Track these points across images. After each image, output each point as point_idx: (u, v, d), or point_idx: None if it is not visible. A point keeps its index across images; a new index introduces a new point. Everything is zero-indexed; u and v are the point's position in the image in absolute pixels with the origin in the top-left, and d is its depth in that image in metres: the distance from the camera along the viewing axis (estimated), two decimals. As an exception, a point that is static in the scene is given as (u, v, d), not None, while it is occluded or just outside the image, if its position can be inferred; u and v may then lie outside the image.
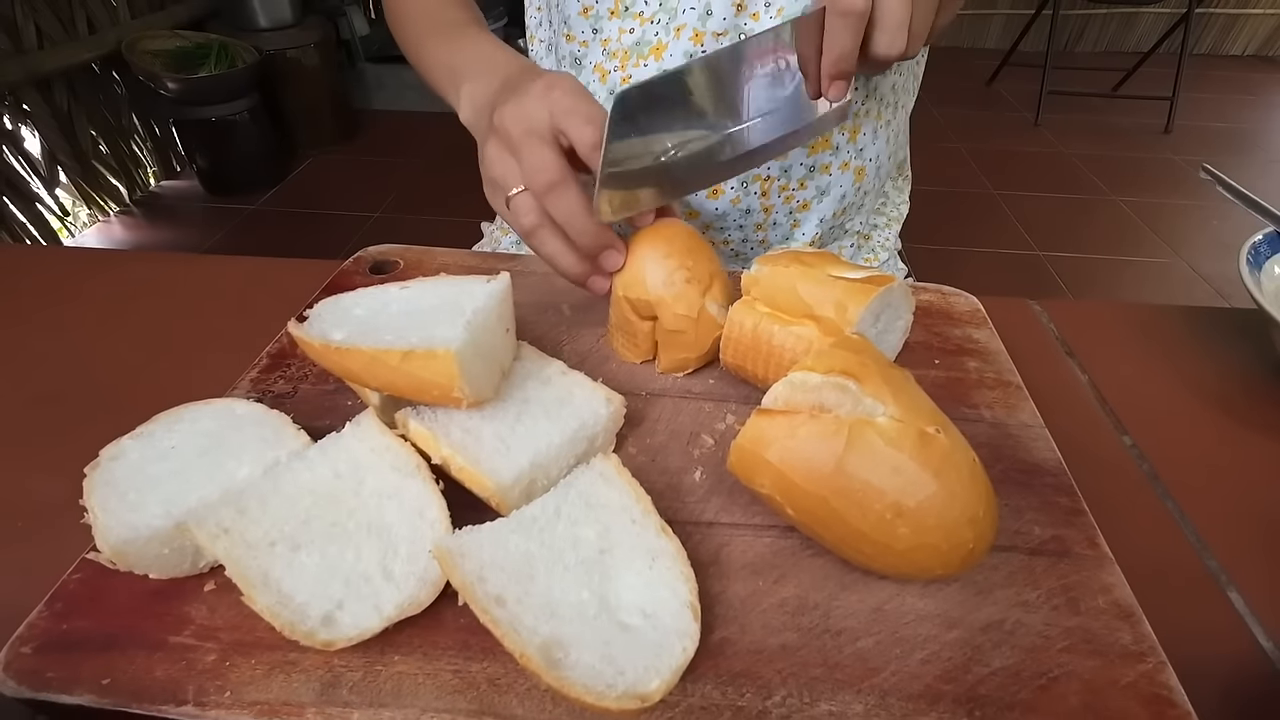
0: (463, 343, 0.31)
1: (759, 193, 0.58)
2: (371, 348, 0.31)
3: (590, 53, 0.56)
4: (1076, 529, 0.33)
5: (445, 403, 0.32)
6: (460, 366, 0.30)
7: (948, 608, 0.30)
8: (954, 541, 0.27)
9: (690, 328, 0.40)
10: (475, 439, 0.32)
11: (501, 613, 0.26)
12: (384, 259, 0.52)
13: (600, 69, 0.56)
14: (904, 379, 0.30)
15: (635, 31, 0.54)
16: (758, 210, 0.58)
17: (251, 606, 0.27)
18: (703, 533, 0.33)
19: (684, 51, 0.53)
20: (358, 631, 0.26)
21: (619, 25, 0.54)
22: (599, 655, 0.25)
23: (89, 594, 0.30)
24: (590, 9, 0.55)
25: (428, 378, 0.31)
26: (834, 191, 0.59)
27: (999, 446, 0.38)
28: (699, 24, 0.52)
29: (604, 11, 0.54)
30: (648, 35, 0.54)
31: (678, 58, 0.53)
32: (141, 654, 0.28)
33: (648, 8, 0.53)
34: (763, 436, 0.29)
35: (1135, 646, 0.28)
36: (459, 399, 0.31)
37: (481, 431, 0.32)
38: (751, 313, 0.38)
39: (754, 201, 0.58)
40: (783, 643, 0.28)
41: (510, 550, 0.28)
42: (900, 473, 0.27)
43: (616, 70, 0.56)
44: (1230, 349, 0.50)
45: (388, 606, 0.27)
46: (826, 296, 0.37)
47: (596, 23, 0.55)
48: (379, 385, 0.32)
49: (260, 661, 0.28)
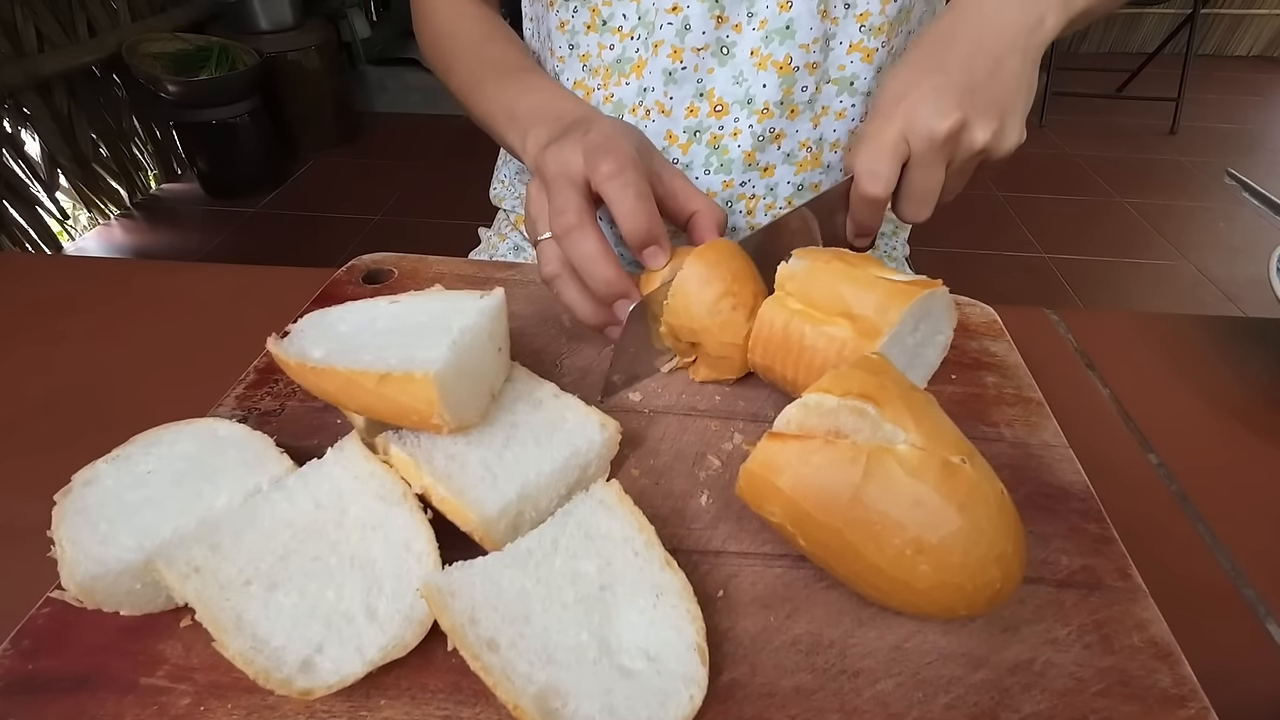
0: (444, 365, 0.29)
1: (744, 211, 0.56)
2: (348, 368, 0.29)
3: (569, 69, 0.55)
4: (1107, 558, 0.31)
5: (425, 428, 0.30)
6: (440, 391, 0.28)
7: (972, 646, 0.28)
8: (979, 581, 0.26)
9: (736, 354, 0.38)
10: (460, 466, 0.30)
11: (494, 659, 0.24)
12: (378, 268, 0.50)
13: (583, 85, 0.54)
14: (926, 403, 0.28)
15: (615, 48, 0.52)
16: (743, 229, 0.57)
17: (223, 653, 0.25)
18: (710, 562, 0.31)
19: (663, 69, 0.51)
20: (338, 678, 0.24)
21: (597, 40, 0.52)
22: (599, 705, 0.23)
23: (57, 630, 0.28)
24: (567, 23, 0.53)
25: (405, 402, 0.29)
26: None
27: (1021, 468, 0.36)
28: (677, 40, 0.50)
29: (580, 26, 0.52)
30: (628, 52, 0.52)
31: (656, 75, 0.51)
32: (112, 697, 0.26)
33: (626, 22, 0.51)
34: (774, 462, 0.27)
35: (1175, 690, 0.27)
36: (439, 425, 0.29)
37: (467, 458, 0.30)
38: (783, 310, 0.36)
39: (739, 220, 0.56)
40: (796, 685, 0.27)
41: (504, 588, 0.26)
42: (922, 505, 0.25)
43: (599, 88, 0.54)
44: (1254, 360, 0.48)
45: (371, 649, 0.25)
46: (868, 296, 0.34)
47: (573, 38, 0.53)
48: (357, 408, 0.31)
49: (237, 706, 0.26)
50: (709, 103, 0.52)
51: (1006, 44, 0.39)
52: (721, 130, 0.53)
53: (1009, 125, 0.39)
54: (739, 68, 0.51)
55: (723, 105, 0.52)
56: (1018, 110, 0.39)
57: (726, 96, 0.52)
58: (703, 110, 0.52)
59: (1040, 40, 0.40)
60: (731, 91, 0.51)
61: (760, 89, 0.51)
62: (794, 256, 0.38)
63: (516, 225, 0.69)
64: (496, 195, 0.73)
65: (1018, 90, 0.39)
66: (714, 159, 0.53)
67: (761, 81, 0.51)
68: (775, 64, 0.50)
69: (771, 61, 0.50)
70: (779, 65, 0.50)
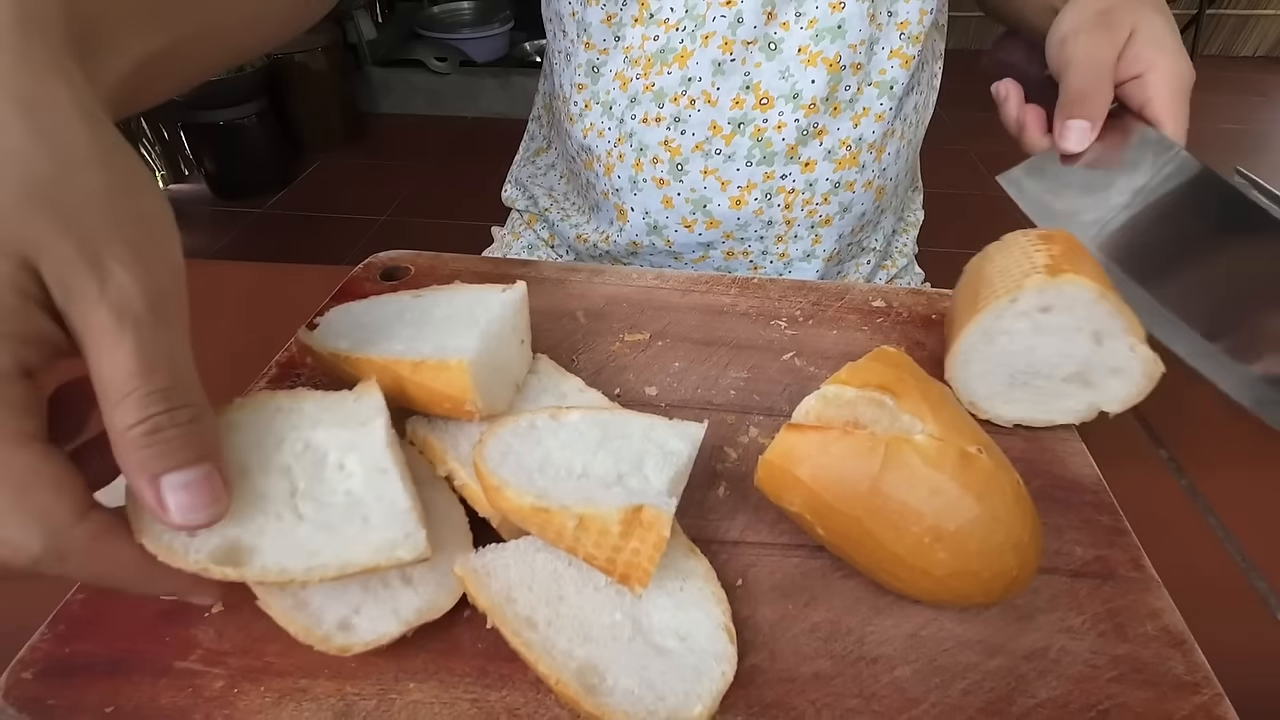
0: (476, 353, 0.30)
1: (783, 205, 0.56)
2: (382, 358, 0.30)
3: (611, 60, 0.55)
4: (1120, 549, 0.32)
5: (457, 415, 0.31)
6: (474, 378, 0.29)
7: (988, 634, 0.28)
8: (996, 569, 0.26)
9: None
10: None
11: (533, 636, 0.25)
12: (395, 265, 0.51)
13: (621, 76, 0.55)
14: (943, 395, 0.29)
15: (660, 39, 0.53)
16: (780, 222, 0.57)
17: (265, 610, 0.26)
18: (728, 552, 0.31)
19: (712, 60, 0.52)
20: (374, 636, 0.25)
21: (642, 32, 0.53)
22: (638, 680, 0.24)
23: (92, 616, 0.29)
24: (614, 16, 0.53)
25: (439, 389, 0.30)
26: (855, 209, 0.58)
27: (1034, 460, 0.36)
28: (729, 32, 0.51)
29: (627, 19, 0.53)
30: (672, 43, 0.53)
31: (704, 65, 0.52)
32: (147, 680, 0.27)
33: (673, 14, 0.52)
34: (793, 453, 0.28)
35: (1189, 677, 0.27)
36: (471, 412, 0.30)
37: None
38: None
39: (777, 214, 0.57)
40: (816, 671, 0.27)
41: (538, 570, 0.27)
42: (940, 494, 0.26)
43: (639, 78, 0.54)
44: (1266, 358, 0.49)
45: (406, 611, 0.26)
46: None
47: (619, 30, 0.54)
48: (391, 395, 0.31)
49: (269, 689, 0.26)
50: (755, 95, 0.53)
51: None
52: (765, 123, 0.53)
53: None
54: (786, 63, 0.52)
55: (768, 98, 0.53)
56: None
57: (772, 90, 0.53)
58: (748, 102, 0.53)
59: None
60: (778, 85, 0.52)
61: (808, 84, 0.52)
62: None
63: (530, 224, 0.69)
64: (509, 198, 0.74)
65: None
66: (756, 150, 0.54)
67: (810, 77, 0.52)
68: (825, 61, 0.51)
69: (822, 58, 0.51)
70: (829, 62, 0.51)
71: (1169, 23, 0.41)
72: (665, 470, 0.28)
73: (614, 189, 0.59)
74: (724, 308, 0.47)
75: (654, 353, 0.43)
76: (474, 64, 2.53)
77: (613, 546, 0.24)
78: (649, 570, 0.24)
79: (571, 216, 0.65)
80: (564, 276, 0.49)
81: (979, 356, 0.36)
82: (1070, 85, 0.41)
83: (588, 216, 0.64)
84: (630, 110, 0.55)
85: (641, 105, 0.55)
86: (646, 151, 0.56)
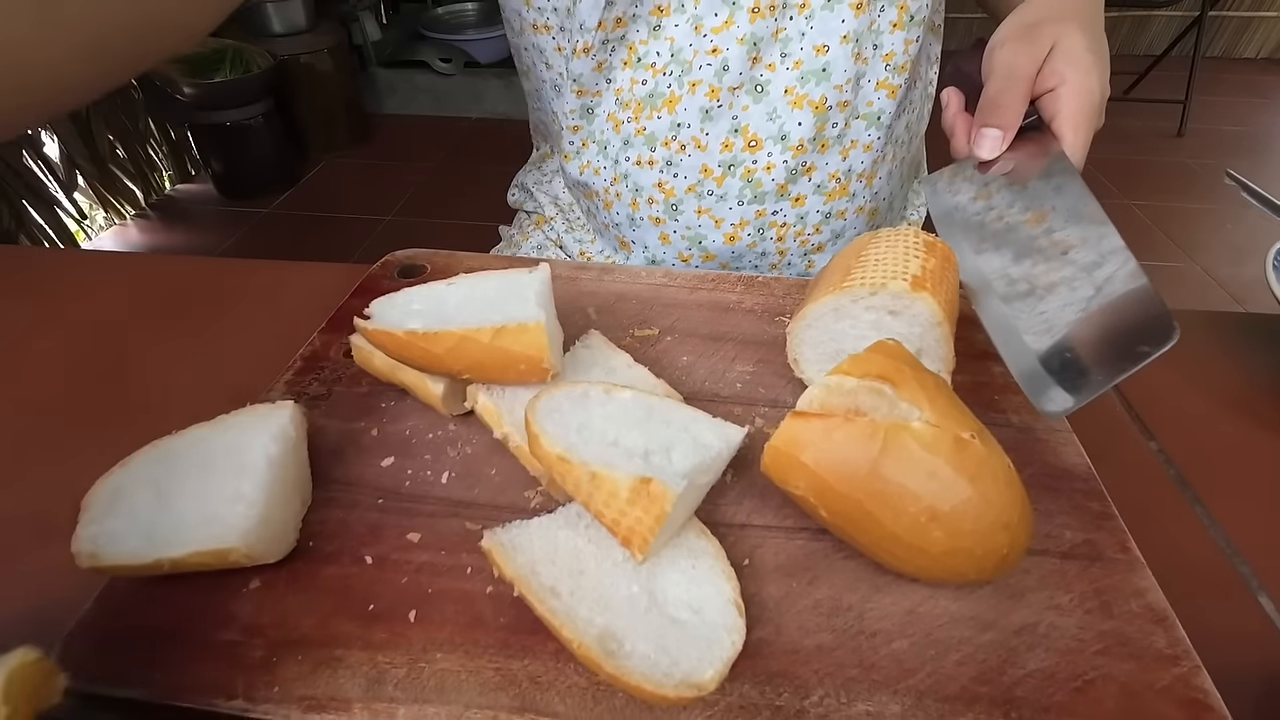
0: (545, 317, 0.33)
1: (775, 237, 0.58)
2: (461, 329, 0.33)
3: (603, 102, 0.57)
4: (1107, 533, 0.33)
5: (533, 375, 0.34)
6: (549, 338, 0.32)
7: (981, 610, 0.30)
8: (988, 546, 0.28)
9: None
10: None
11: (557, 604, 0.27)
12: (411, 263, 0.52)
13: (614, 118, 0.57)
14: (939, 385, 0.30)
15: (648, 83, 0.54)
16: (773, 253, 0.59)
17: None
18: (736, 534, 0.33)
19: (700, 108, 0.53)
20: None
21: (631, 75, 0.54)
22: (654, 646, 0.26)
23: (135, 593, 0.31)
24: (604, 63, 0.54)
25: (519, 351, 0.33)
26: (848, 233, 0.60)
27: (1027, 450, 0.38)
28: (715, 80, 0.52)
29: (617, 64, 0.54)
30: (660, 87, 0.54)
31: (692, 112, 0.54)
32: (190, 650, 0.28)
33: (659, 59, 0.53)
34: (798, 439, 0.30)
35: (1169, 650, 0.29)
36: (547, 369, 0.33)
37: None
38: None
39: (770, 245, 0.59)
40: (818, 643, 0.29)
41: (559, 545, 0.29)
42: (935, 477, 0.28)
43: (630, 121, 0.56)
44: (1253, 354, 0.50)
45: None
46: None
47: (610, 74, 0.55)
48: (464, 366, 0.34)
49: (306, 658, 0.28)
50: (743, 138, 0.54)
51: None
52: (755, 164, 0.55)
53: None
54: (773, 105, 0.53)
55: (756, 140, 0.54)
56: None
57: (760, 132, 0.54)
58: (737, 145, 0.54)
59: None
60: (765, 127, 0.54)
61: (795, 126, 0.53)
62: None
63: (538, 225, 0.71)
64: (516, 200, 0.76)
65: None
66: (747, 190, 0.56)
67: (797, 119, 0.53)
68: (811, 103, 0.53)
69: (807, 101, 0.53)
70: (814, 105, 0.53)
71: (1089, 40, 0.42)
72: (690, 458, 0.30)
73: (614, 223, 0.61)
74: (730, 304, 0.48)
75: (663, 347, 0.45)
76: (478, 65, 2.54)
77: (619, 510, 0.26)
78: (648, 540, 0.26)
79: (575, 231, 0.67)
80: (575, 274, 0.51)
81: (822, 326, 0.39)
82: (986, 93, 0.42)
83: (593, 237, 0.66)
84: (624, 152, 0.57)
85: (634, 148, 0.57)
86: (642, 192, 0.58)
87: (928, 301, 0.36)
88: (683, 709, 0.26)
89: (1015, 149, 0.41)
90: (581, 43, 0.54)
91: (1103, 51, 0.43)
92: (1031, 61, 0.42)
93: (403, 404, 0.40)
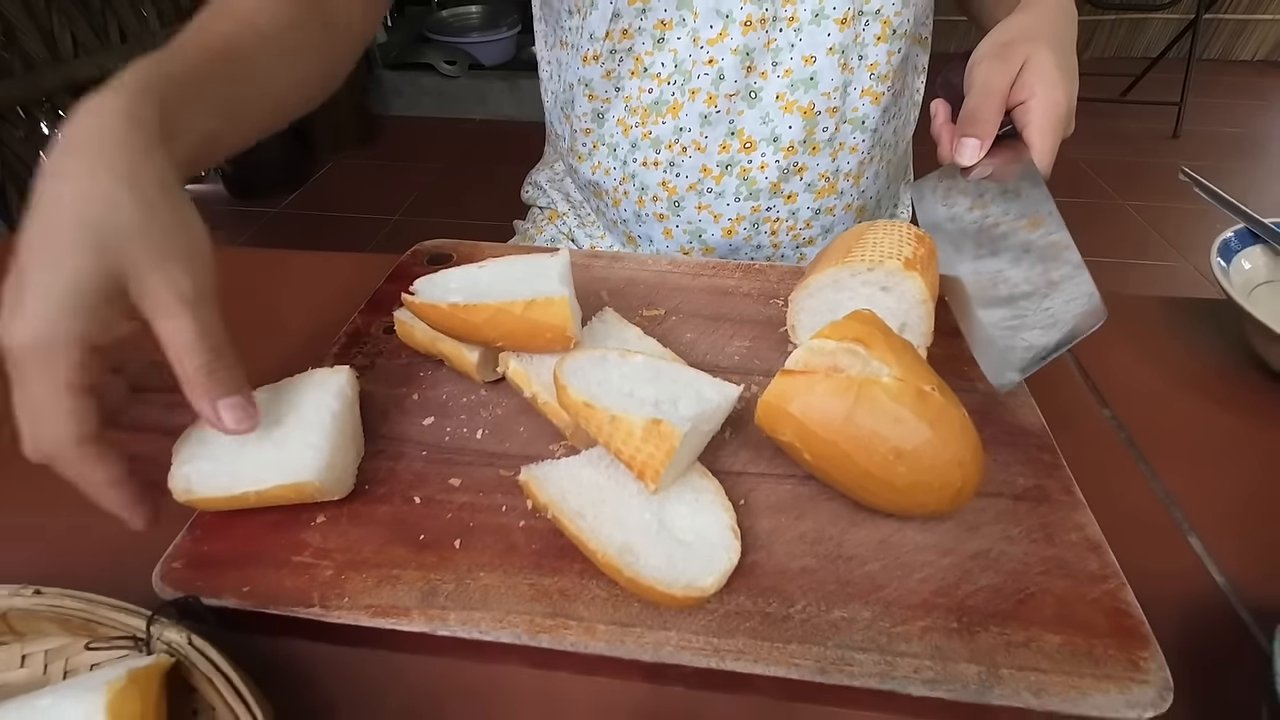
0: (568, 293, 0.38)
1: (769, 232, 0.64)
2: (497, 302, 0.38)
3: (613, 108, 0.62)
4: (1055, 480, 0.39)
5: (557, 344, 0.39)
6: (572, 310, 0.38)
7: (942, 540, 0.35)
8: (944, 480, 0.33)
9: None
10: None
11: (584, 524, 0.32)
12: (439, 251, 0.58)
13: (623, 123, 0.62)
14: (905, 346, 0.35)
15: (654, 91, 0.60)
16: (767, 246, 0.65)
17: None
18: (733, 480, 0.38)
19: (699, 113, 0.59)
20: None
21: (638, 85, 0.60)
22: (664, 559, 0.31)
23: (220, 524, 0.36)
24: (613, 72, 0.60)
25: (546, 321, 0.38)
26: (837, 228, 0.66)
27: (989, 412, 0.43)
28: (713, 88, 0.58)
29: (625, 73, 0.60)
30: (665, 95, 0.59)
31: (693, 117, 0.59)
32: (271, 569, 0.34)
33: (664, 69, 0.59)
34: (785, 393, 0.35)
35: (1100, 571, 0.34)
36: (570, 337, 0.38)
37: None
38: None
39: (764, 239, 0.64)
40: (803, 566, 0.34)
41: (583, 480, 0.34)
42: (901, 423, 0.33)
43: (637, 126, 0.61)
44: (1205, 335, 0.55)
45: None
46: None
47: (619, 82, 0.61)
48: (498, 334, 0.39)
49: (369, 576, 0.33)
50: (739, 140, 0.60)
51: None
52: (750, 164, 0.60)
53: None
54: (766, 110, 0.58)
55: (751, 142, 0.60)
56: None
57: (755, 135, 0.59)
58: (734, 147, 0.60)
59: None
60: (759, 131, 0.59)
61: (786, 129, 0.59)
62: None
63: (551, 220, 0.76)
64: (529, 197, 0.81)
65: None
66: (743, 188, 0.61)
67: (788, 123, 0.59)
68: (801, 109, 0.58)
69: (797, 107, 0.58)
70: (804, 110, 0.58)
71: (1058, 58, 0.46)
72: (693, 407, 0.35)
73: (622, 219, 0.67)
74: (729, 289, 0.54)
75: (669, 326, 0.50)
76: (482, 67, 2.60)
77: (635, 446, 0.31)
78: (659, 471, 0.31)
79: (587, 226, 0.73)
80: (588, 262, 0.56)
81: (822, 295, 0.45)
82: (965, 106, 0.47)
83: (603, 233, 0.72)
84: (632, 154, 0.63)
85: (641, 150, 0.62)
86: (648, 191, 0.63)
87: (917, 280, 0.41)
88: (688, 614, 0.31)
89: (992, 155, 0.46)
90: (591, 50, 0.59)
91: (1071, 68, 0.48)
92: (1005, 77, 0.46)
93: (439, 373, 0.46)
